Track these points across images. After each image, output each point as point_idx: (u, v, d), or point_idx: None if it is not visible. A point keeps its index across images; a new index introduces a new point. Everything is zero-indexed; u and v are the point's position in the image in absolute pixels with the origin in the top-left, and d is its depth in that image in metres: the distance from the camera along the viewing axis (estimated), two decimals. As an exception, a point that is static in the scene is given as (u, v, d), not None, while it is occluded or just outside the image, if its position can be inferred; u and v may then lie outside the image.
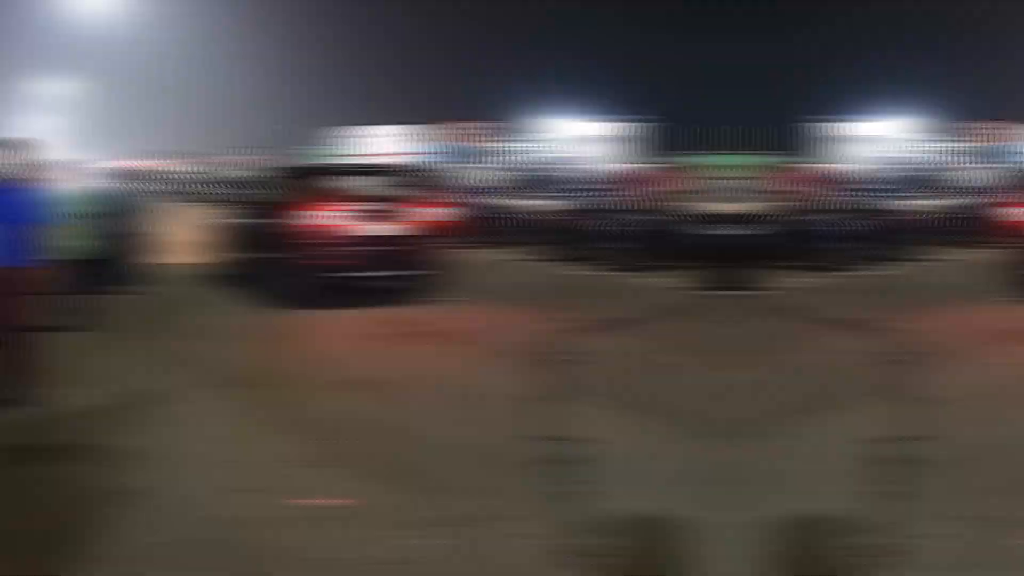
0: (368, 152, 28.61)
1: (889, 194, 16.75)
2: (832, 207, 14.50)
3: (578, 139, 29.29)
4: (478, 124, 33.90)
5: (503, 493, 4.34)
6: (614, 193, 17.82)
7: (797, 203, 14.43)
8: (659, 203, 13.24)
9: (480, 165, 30.60)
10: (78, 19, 46.09)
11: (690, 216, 12.28)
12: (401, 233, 9.79)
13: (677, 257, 11.53)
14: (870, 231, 13.48)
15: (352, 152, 30.01)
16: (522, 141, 33.54)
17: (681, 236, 11.94)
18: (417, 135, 32.55)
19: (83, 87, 58.05)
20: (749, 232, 10.19)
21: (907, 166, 21.23)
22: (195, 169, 39.04)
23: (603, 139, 28.62)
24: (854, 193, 16.30)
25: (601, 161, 26.79)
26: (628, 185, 21.02)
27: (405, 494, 4.32)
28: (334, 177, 10.71)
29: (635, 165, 23.08)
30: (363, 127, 32.80)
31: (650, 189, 20.82)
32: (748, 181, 21.72)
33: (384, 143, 30.78)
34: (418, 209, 10.32)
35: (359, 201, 9.72)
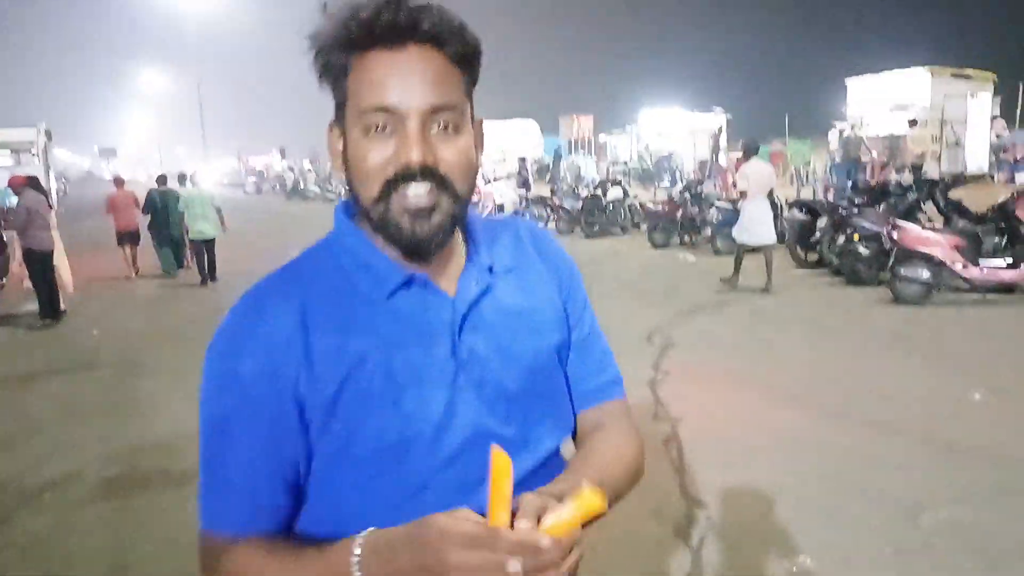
0: (488, 146, 31.30)
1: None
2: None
3: (674, 130, 31.15)
4: (587, 118, 36.25)
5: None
6: (708, 181, 19.64)
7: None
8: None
9: (589, 157, 32.96)
10: (183, 12, 48.94)
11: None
12: None
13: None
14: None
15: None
16: (626, 134, 35.67)
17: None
18: (530, 129, 35.08)
19: (187, 81, 59.87)
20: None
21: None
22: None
23: (697, 130, 30.21)
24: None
25: (697, 151, 28.72)
26: (720, 173, 22.94)
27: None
28: None
29: (725, 154, 24.71)
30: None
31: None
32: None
33: (500, 137, 33.45)
34: None
35: None
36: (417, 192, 0.95)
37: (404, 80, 0.94)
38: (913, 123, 18.77)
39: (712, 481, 4.28)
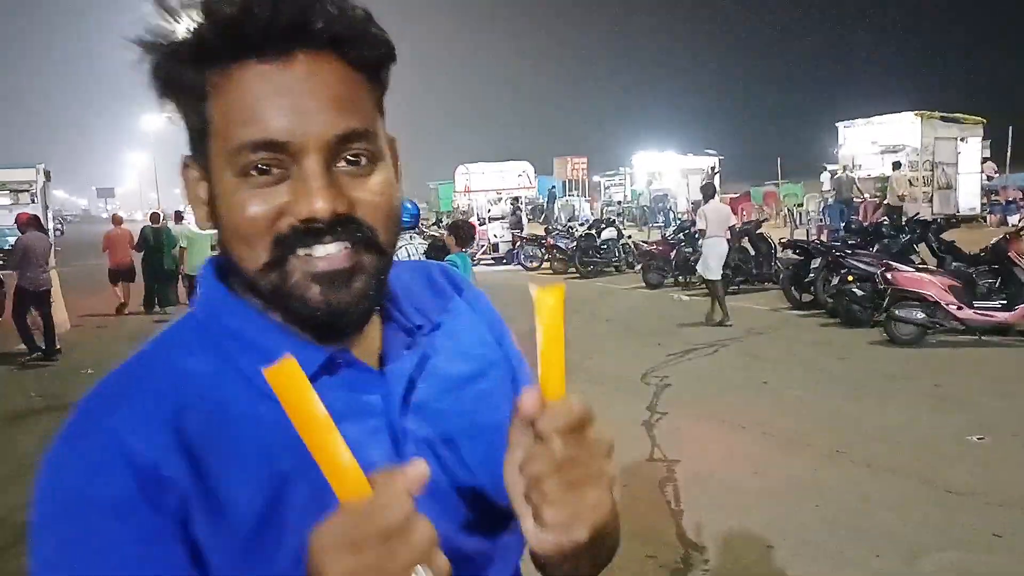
0: (483, 187, 31.57)
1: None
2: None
3: (668, 172, 31.45)
4: (581, 159, 36.60)
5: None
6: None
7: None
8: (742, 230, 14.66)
9: (583, 198, 33.22)
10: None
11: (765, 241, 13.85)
12: None
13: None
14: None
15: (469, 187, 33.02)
16: (619, 175, 36.00)
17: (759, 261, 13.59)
18: (525, 171, 35.40)
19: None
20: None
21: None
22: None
23: (691, 171, 30.48)
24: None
25: (691, 192, 28.95)
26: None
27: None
28: None
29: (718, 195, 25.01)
30: (474, 164, 35.90)
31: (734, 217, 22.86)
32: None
33: (495, 178, 33.73)
34: None
35: None
36: (329, 253, 0.68)
37: (294, 103, 0.66)
38: (897, 165, 18.98)
39: (709, 523, 4.25)
